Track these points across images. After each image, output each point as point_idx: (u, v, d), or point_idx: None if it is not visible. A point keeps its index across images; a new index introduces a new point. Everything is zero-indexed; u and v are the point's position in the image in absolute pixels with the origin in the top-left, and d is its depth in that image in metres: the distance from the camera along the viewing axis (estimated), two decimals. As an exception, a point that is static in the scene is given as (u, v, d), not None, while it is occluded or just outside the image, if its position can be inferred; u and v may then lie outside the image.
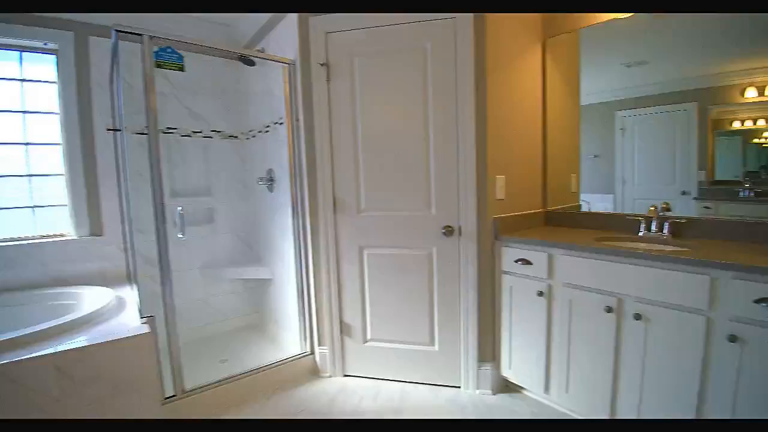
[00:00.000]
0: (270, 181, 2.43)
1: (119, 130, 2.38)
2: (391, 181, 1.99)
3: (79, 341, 1.51)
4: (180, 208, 1.79)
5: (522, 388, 1.95)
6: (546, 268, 1.72)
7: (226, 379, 1.95)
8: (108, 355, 1.52)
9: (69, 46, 2.29)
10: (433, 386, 2.04)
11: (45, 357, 1.42)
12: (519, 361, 1.87)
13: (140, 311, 1.72)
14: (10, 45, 2.24)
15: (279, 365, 2.13)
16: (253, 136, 2.71)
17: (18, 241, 2.20)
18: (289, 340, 2.41)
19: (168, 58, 1.69)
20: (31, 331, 1.54)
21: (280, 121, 2.27)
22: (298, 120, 2.10)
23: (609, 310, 1.49)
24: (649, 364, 1.41)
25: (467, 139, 1.84)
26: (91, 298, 2.08)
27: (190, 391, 1.82)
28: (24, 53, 2.30)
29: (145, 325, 1.63)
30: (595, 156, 2.11)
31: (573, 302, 1.63)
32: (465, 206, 1.88)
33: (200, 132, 2.64)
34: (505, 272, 1.88)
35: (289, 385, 2.11)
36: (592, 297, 1.56)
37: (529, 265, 1.78)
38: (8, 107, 2.23)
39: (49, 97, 2.31)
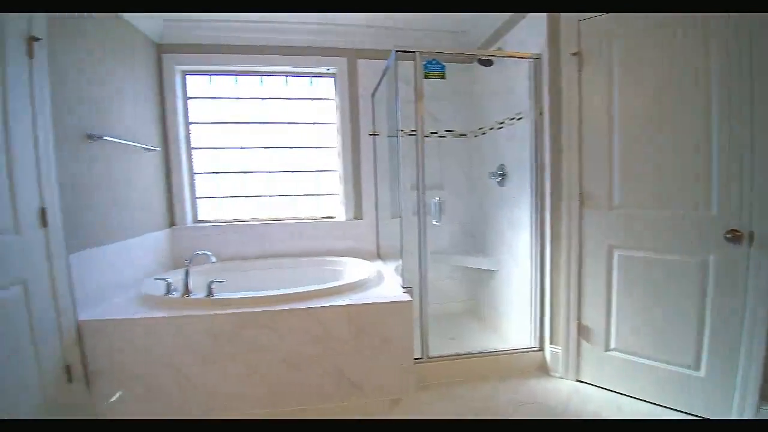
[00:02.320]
0: (501, 175, 2.51)
1: (377, 134, 2.90)
2: (653, 175, 1.78)
3: (360, 299, 1.94)
4: (438, 198, 2.06)
5: None
6: None
7: (460, 354, 2.15)
8: (379, 313, 1.89)
9: (343, 69, 2.91)
10: (692, 416, 1.75)
11: (340, 307, 1.87)
12: None
13: (402, 282, 2.07)
14: (305, 73, 3.00)
15: (506, 354, 2.21)
16: (483, 134, 2.85)
17: (307, 220, 2.96)
18: (513, 332, 2.46)
19: (433, 69, 1.96)
20: (329, 286, 2.05)
21: (517, 117, 2.33)
22: (542, 113, 2.11)
23: None
24: None
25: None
26: (353, 268, 2.62)
27: (433, 357, 2.09)
28: (313, 78, 3.04)
29: (407, 294, 1.95)
30: None
31: None
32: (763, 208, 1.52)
33: (436, 132, 2.95)
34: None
35: (516, 374, 2.17)
36: None
37: None
38: (303, 120, 3.00)
39: (328, 110, 3.00)
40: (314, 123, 3.00)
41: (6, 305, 1.43)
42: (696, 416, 1.75)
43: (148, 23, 2.49)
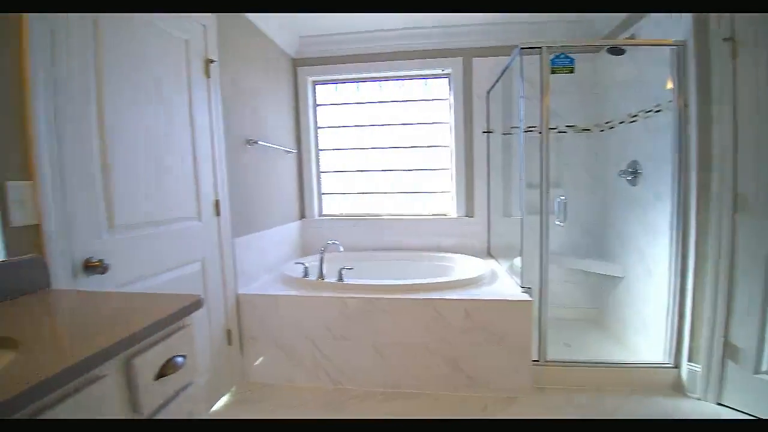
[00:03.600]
0: (633, 173, 2.31)
1: (491, 132, 2.89)
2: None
3: (477, 294, 1.98)
4: (563, 197, 1.99)
5: None
6: None
7: (580, 362, 2.05)
8: (498, 310, 1.91)
9: (458, 69, 2.95)
10: None
11: (459, 301, 1.94)
12: None
13: (521, 282, 2.05)
14: (420, 75, 3.10)
15: (633, 367, 2.04)
16: (611, 128, 2.64)
17: (421, 216, 3.07)
18: (641, 344, 2.26)
19: (561, 63, 1.90)
20: (446, 280, 2.13)
21: (655, 109, 2.12)
22: (687, 105, 1.89)
23: None
24: None
25: None
26: (465, 264, 2.66)
27: (550, 361, 2.03)
28: (428, 80, 3.14)
29: (526, 294, 1.93)
30: None
31: None
32: None
33: (555, 128, 2.82)
34: None
35: (642, 391, 1.98)
36: None
37: None
38: (418, 120, 3.11)
39: (442, 110, 3.08)
40: (428, 123, 3.10)
41: (192, 277, 1.80)
42: None
43: (287, 40, 2.85)
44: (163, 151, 1.61)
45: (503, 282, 2.21)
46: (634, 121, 2.35)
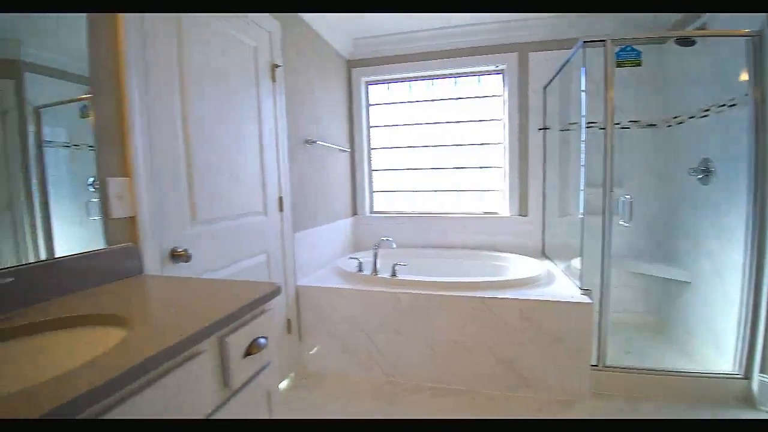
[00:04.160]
0: (705, 172, 2.16)
1: (548, 128, 2.82)
2: None
3: (533, 295, 1.95)
4: (628, 196, 1.91)
5: None
6: None
7: (641, 369, 1.96)
8: (555, 312, 1.87)
9: (513, 64, 2.89)
10: None
11: (514, 300, 1.92)
12: None
13: (581, 284, 2.00)
14: (473, 72, 3.08)
15: (696, 376, 1.92)
16: (678, 123, 2.48)
17: (471, 214, 3.06)
18: (708, 353, 2.11)
19: (627, 56, 1.82)
20: (500, 279, 2.11)
21: (729, 103, 1.97)
22: (765, 100, 1.75)
23: None
24: None
25: None
26: (519, 264, 2.62)
27: (609, 366, 1.96)
28: (481, 76, 3.11)
29: (586, 296, 1.88)
30: None
31: None
32: None
33: (618, 123, 2.69)
34: None
35: (709, 401, 1.86)
36: None
37: None
38: (470, 118, 3.09)
39: (493, 107, 3.04)
40: (481, 120, 3.06)
41: (258, 268, 1.92)
42: None
43: (342, 42, 2.93)
44: (235, 151, 1.74)
45: (561, 283, 2.15)
46: (705, 116, 2.20)
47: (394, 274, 2.21)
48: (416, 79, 3.14)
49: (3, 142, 0.93)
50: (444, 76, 3.10)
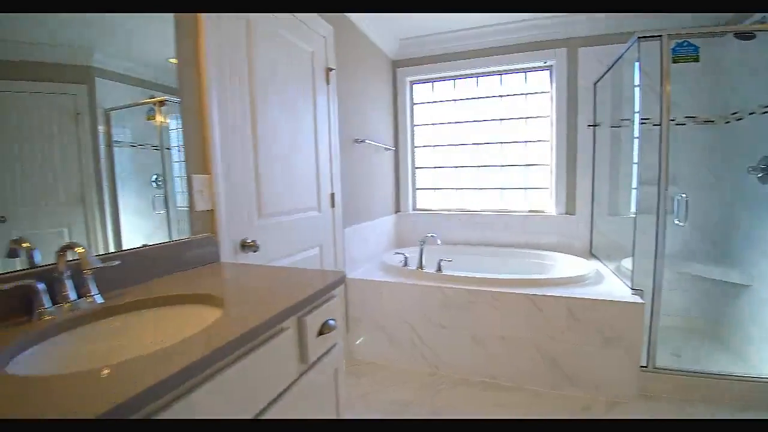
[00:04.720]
0: (765, 170, 2.06)
1: (598, 125, 2.77)
2: None
3: (582, 293, 1.94)
4: (684, 195, 1.87)
5: None
6: None
7: (695, 372, 1.91)
8: (604, 311, 1.86)
9: (562, 60, 2.85)
10: None
11: (562, 298, 1.93)
12: None
13: (632, 284, 1.97)
14: (520, 69, 3.06)
15: (751, 381, 1.85)
16: (738, 119, 2.37)
17: (517, 212, 3.05)
18: (764, 359, 2.02)
19: (684, 52, 1.78)
20: (547, 277, 2.12)
21: (799, 98, 1.87)
22: None
23: None
24: None
25: None
26: (566, 263, 2.60)
27: (659, 368, 1.93)
28: (528, 73, 3.08)
29: (637, 296, 1.86)
30: None
31: None
32: None
33: (673, 120, 2.60)
34: None
35: (757, 406, 1.79)
36: None
37: None
38: (517, 115, 3.08)
39: (540, 104, 3.01)
40: (528, 117, 3.04)
41: (312, 259, 2.04)
42: None
43: (388, 43, 3.01)
44: (295, 150, 1.87)
45: (610, 283, 2.13)
46: (766, 112, 2.09)
47: (439, 270, 2.27)
48: (461, 77, 3.17)
49: (77, 142, 1.01)
50: (489, 74, 3.10)
